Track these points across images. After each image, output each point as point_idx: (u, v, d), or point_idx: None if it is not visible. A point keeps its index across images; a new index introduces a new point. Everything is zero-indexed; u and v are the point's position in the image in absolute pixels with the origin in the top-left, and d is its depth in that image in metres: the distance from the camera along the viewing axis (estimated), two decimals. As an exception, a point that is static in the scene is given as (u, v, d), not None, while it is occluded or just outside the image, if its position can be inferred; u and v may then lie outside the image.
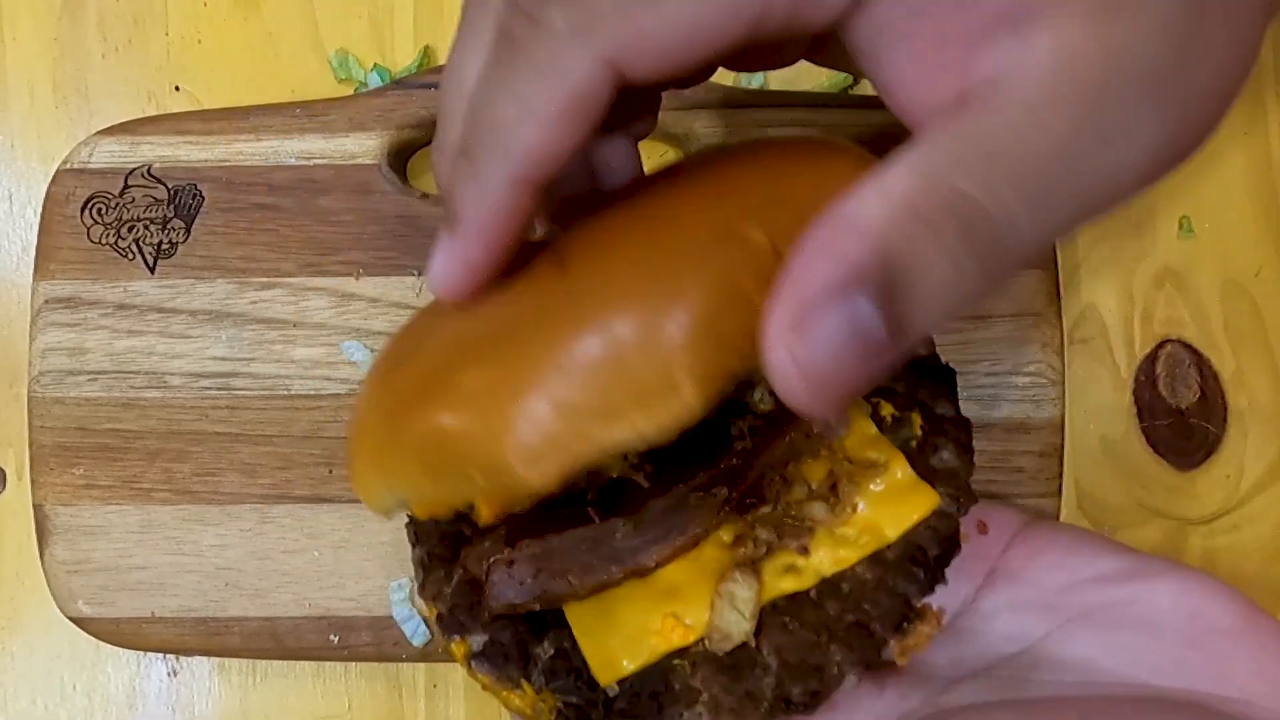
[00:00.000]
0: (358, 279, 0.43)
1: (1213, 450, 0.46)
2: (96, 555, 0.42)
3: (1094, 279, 0.46)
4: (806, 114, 0.43)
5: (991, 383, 0.43)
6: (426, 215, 0.43)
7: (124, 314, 0.43)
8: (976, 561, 0.35)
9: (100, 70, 0.47)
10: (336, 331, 0.43)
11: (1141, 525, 0.46)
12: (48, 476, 0.42)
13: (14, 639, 0.45)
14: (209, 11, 0.47)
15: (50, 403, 0.43)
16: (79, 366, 0.43)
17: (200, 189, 0.43)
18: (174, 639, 0.43)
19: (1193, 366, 0.46)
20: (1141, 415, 0.46)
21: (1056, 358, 0.43)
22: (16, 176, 0.47)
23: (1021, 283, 0.43)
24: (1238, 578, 0.46)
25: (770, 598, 0.30)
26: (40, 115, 0.47)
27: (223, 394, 0.43)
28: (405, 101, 0.44)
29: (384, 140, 0.43)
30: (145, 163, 0.43)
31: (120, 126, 0.44)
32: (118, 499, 0.43)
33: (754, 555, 0.31)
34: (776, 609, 0.30)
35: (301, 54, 0.47)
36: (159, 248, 0.43)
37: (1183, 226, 0.46)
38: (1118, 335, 0.46)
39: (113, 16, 0.47)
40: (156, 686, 0.45)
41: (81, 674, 0.45)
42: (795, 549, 0.31)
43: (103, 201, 0.43)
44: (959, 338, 0.43)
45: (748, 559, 0.30)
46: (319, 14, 0.47)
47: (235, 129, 0.44)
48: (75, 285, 0.43)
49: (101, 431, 0.43)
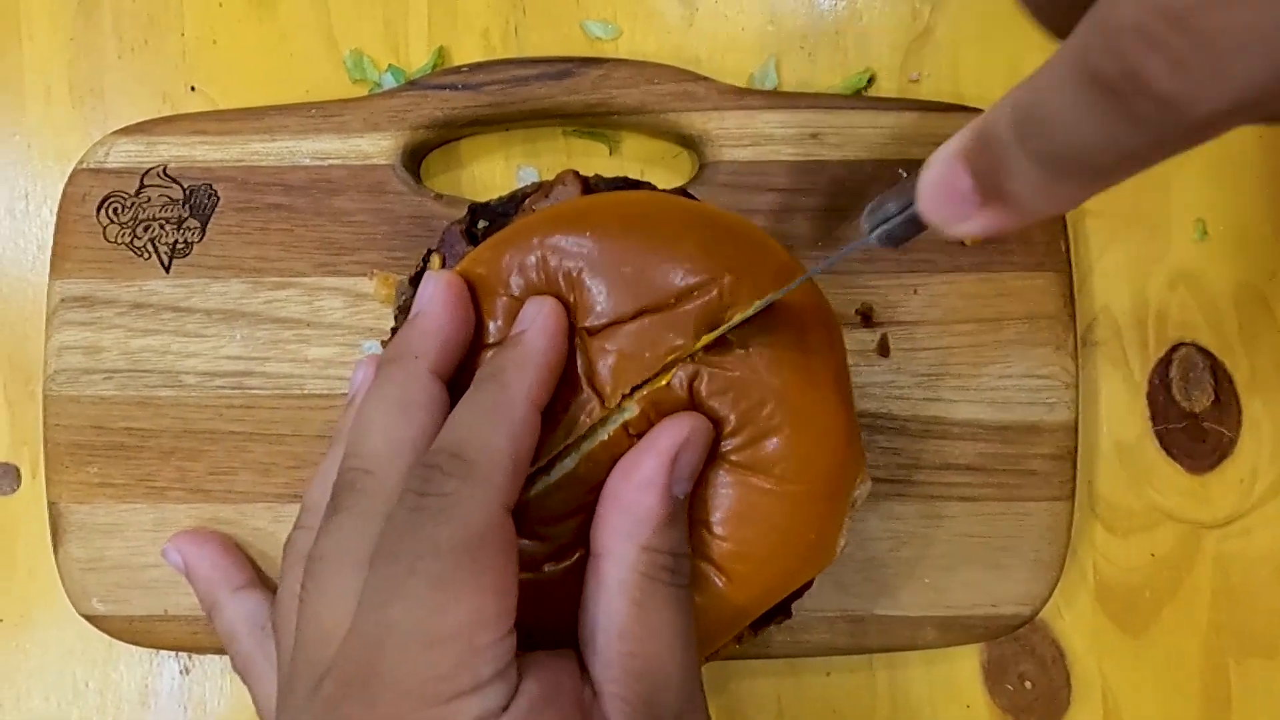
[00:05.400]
0: (371, 279, 0.43)
1: (1226, 454, 0.46)
2: (110, 553, 0.43)
3: (1108, 282, 0.46)
4: (818, 115, 0.44)
5: (1004, 385, 0.43)
6: (440, 215, 0.43)
7: (139, 313, 0.43)
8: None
9: (116, 70, 0.47)
10: (350, 331, 0.43)
11: (1155, 528, 0.46)
12: (62, 474, 0.43)
13: (27, 636, 0.46)
14: (224, 12, 0.47)
15: (65, 401, 0.43)
16: (94, 365, 0.43)
17: (215, 189, 0.44)
18: (187, 637, 0.43)
19: (1207, 370, 0.46)
20: (1155, 418, 0.46)
21: (1070, 360, 0.43)
22: (33, 176, 0.47)
23: (1035, 285, 0.43)
24: (1251, 582, 0.45)
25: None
26: (56, 115, 0.47)
27: (237, 393, 0.43)
28: (420, 102, 0.44)
29: (398, 141, 0.44)
30: (161, 162, 0.44)
31: (136, 126, 0.44)
32: (132, 497, 0.43)
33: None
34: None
35: (316, 55, 0.47)
36: (174, 247, 0.43)
37: (1198, 229, 0.46)
38: (1132, 338, 0.46)
39: (128, 17, 0.47)
40: (169, 684, 0.45)
41: (94, 671, 0.46)
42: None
43: (119, 201, 0.43)
44: (971, 339, 0.43)
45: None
46: (334, 15, 0.47)
47: (250, 129, 0.44)
48: (91, 284, 0.43)
49: (116, 430, 0.43)
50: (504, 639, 0.27)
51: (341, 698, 0.27)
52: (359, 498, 0.29)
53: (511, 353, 0.30)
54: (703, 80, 0.44)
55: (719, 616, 0.31)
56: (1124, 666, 0.45)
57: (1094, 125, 0.18)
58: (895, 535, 0.43)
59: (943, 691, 0.45)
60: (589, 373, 0.31)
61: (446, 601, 0.26)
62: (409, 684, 0.26)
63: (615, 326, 0.31)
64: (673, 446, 0.29)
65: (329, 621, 0.28)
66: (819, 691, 0.45)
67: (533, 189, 0.38)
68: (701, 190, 0.43)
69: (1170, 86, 0.17)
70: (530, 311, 0.31)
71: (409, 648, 0.26)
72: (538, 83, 0.44)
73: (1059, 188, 0.21)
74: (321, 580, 0.29)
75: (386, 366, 0.32)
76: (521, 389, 0.29)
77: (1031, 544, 0.43)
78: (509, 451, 0.28)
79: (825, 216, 0.43)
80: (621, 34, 0.47)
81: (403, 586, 0.26)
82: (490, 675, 0.26)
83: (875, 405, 0.43)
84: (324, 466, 0.35)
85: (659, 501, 0.29)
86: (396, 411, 0.30)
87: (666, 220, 0.32)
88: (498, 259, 0.33)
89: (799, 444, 0.30)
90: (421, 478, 0.28)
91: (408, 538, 0.27)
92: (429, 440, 0.29)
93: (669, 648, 0.29)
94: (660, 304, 0.31)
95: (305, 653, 0.28)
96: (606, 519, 0.29)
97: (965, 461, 0.43)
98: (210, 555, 0.41)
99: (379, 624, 0.26)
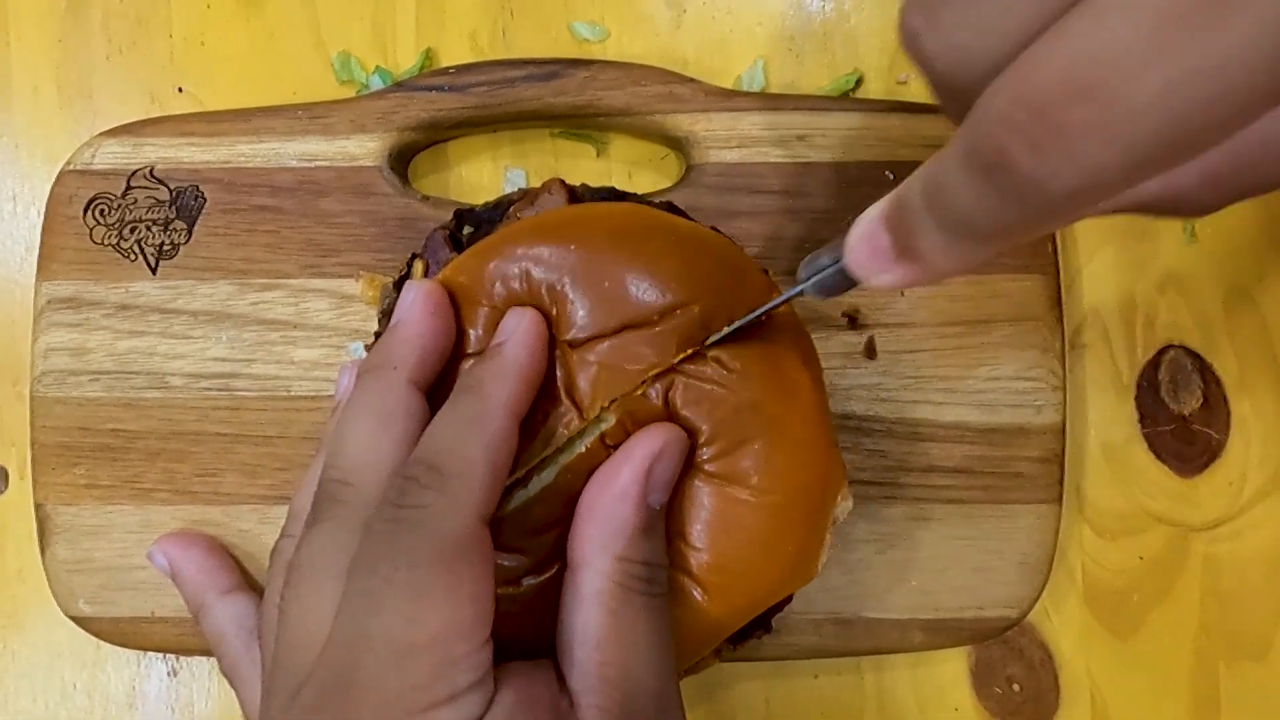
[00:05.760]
0: (358, 281, 0.43)
1: (1215, 456, 0.46)
2: (97, 555, 0.43)
3: (1096, 283, 0.46)
4: (807, 117, 0.43)
5: (992, 388, 0.43)
6: (427, 217, 0.43)
7: (126, 314, 0.43)
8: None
9: (104, 71, 0.47)
10: (337, 333, 0.43)
11: (1143, 531, 0.46)
12: (49, 476, 0.43)
13: (15, 637, 0.46)
14: (212, 14, 0.47)
15: (52, 402, 0.43)
16: (81, 366, 0.43)
17: (202, 190, 0.44)
18: (174, 639, 0.43)
19: (1195, 372, 0.46)
20: (1144, 421, 0.46)
21: (1058, 363, 0.43)
22: (20, 177, 0.47)
23: (1022, 287, 0.43)
24: (1240, 584, 0.45)
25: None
26: (44, 116, 0.47)
27: (223, 395, 0.43)
28: (407, 104, 0.44)
29: (385, 142, 0.44)
30: (148, 164, 0.44)
31: (123, 128, 0.44)
32: (118, 499, 0.43)
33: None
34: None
35: (304, 56, 0.47)
36: (161, 249, 0.43)
37: (1186, 231, 0.46)
38: (1120, 340, 0.46)
39: (117, 18, 0.47)
40: (156, 686, 0.45)
41: (82, 673, 0.46)
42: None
43: (105, 202, 0.43)
44: (958, 341, 0.43)
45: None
46: (321, 16, 0.47)
47: (237, 131, 0.44)
48: (78, 285, 0.43)
49: (103, 431, 0.43)
50: (480, 649, 0.27)
51: (319, 707, 0.27)
52: (338, 508, 0.29)
53: (490, 364, 0.31)
54: (690, 82, 0.44)
55: (697, 629, 0.31)
56: (1112, 669, 0.45)
57: (975, 198, 0.21)
58: (882, 538, 0.43)
59: (930, 694, 0.45)
60: (568, 385, 0.31)
61: (423, 612, 0.26)
62: (386, 694, 0.26)
63: (596, 340, 0.31)
64: (648, 456, 0.29)
65: (308, 631, 0.28)
66: (806, 694, 0.45)
67: (519, 196, 0.38)
68: (688, 192, 0.43)
69: (1030, 166, 0.19)
70: (510, 323, 0.31)
71: (386, 658, 0.26)
72: (525, 84, 0.44)
73: (958, 249, 0.23)
74: (300, 590, 0.29)
75: (365, 376, 0.32)
76: (499, 401, 0.30)
77: (1019, 546, 0.42)
78: (486, 463, 0.28)
79: (812, 219, 0.43)
80: (609, 35, 0.47)
81: (380, 597, 0.26)
82: (466, 685, 0.26)
83: (862, 408, 0.43)
84: (309, 474, 0.35)
85: (634, 511, 0.29)
86: (374, 422, 0.30)
87: (650, 236, 0.32)
88: (480, 268, 0.33)
89: (775, 454, 0.30)
90: (399, 489, 0.28)
91: (385, 549, 0.27)
92: (407, 451, 0.30)
93: (645, 657, 0.29)
94: (642, 320, 0.31)
95: (284, 661, 0.28)
96: (582, 530, 0.30)
97: (952, 464, 0.43)
98: (196, 558, 0.41)
99: (356, 634, 0.27)
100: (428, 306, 0.32)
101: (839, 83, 0.46)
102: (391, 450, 0.30)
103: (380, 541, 0.27)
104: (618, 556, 0.29)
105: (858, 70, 0.46)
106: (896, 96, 0.46)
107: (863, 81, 0.46)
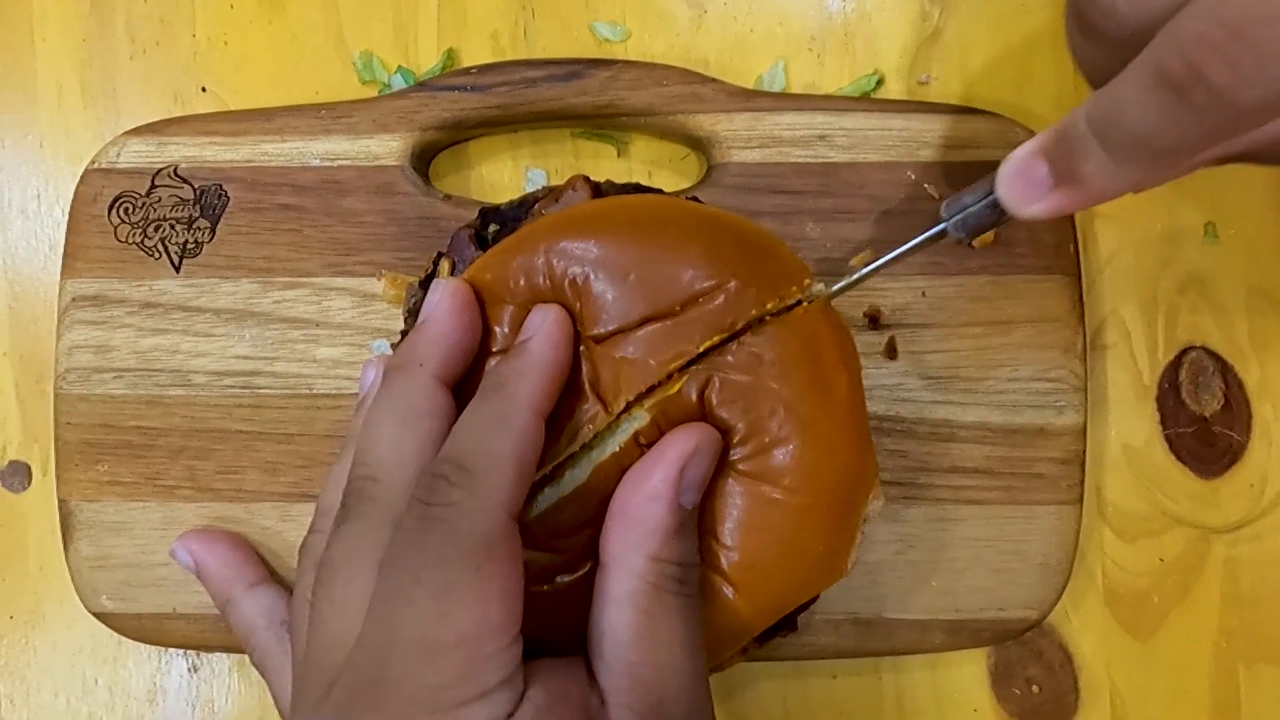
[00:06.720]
0: (380, 279, 0.43)
1: (1236, 458, 0.45)
2: (119, 551, 0.43)
3: (1117, 285, 0.46)
4: (827, 117, 0.43)
5: (1013, 388, 0.43)
6: (449, 216, 0.43)
7: (149, 312, 0.43)
8: None
9: (128, 71, 0.47)
10: (359, 331, 0.43)
11: (1164, 533, 0.45)
12: (73, 472, 0.43)
13: (37, 633, 0.46)
14: (235, 14, 0.47)
15: (76, 399, 0.43)
16: (105, 364, 0.43)
17: (226, 189, 0.44)
18: (195, 635, 0.43)
19: (1216, 374, 0.46)
20: (1164, 422, 0.46)
21: (1078, 364, 0.43)
22: (45, 176, 0.47)
23: (1044, 288, 0.43)
24: (1260, 587, 0.45)
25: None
26: (69, 115, 0.47)
27: (246, 392, 0.43)
28: (429, 103, 0.44)
29: (407, 142, 0.44)
30: (172, 163, 0.44)
31: (148, 127, 0.44)
32: (141, 495, 0.43)
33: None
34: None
35: (326, 56, 0.47)
36: (184, 247, 0.44)
37: (1207, 232, 0.46)
38: (1141, 341, 0.46)
39: (140, 18, 0.47)
40: (177, 682, 0.46)
41: (103, 669, 0.46)
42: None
43: (130, 201, 0.44)
44: (979, 342, 0.43)
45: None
46: (344, 16, 0.47)
47: (260, 130, 0.44)
48: (102, 284, 0.43)
49: (126, 428, 0.43)
50: (510, 646, 0.27)
51: (350, 704, 0.27)
52: (367, 505, 0.30)
53: (516, 362, 0.31)
54: (711, 82, 0.44)
55: (726, 627, 0.31)
56: (1132, 671, 0.45)
57: (1158, 113, 0.24)
58: (902, 538, 0.43)
59: (949, 695, 0.45)
60: (594, 380, 0.32)
61: (452, 610, 0.26)
62: (416, 691, 0.26)
63: (621, 334, 0.31)
64: (680, 457, 0.29)
65: (339, 628, 0.28)
66: (825, 695, 0.45)
67: (543, 193, 0.38)
68: (709, 192, 0.43)
69: (1223, 79, 0.22)
70: (535, 320, 0.31)
71: (415, 655, 0.26)
72: (546, 84, 0.44)
73: (1124, 170, 0.26)
74: (331, 587, 0.29)
75: (392, 374, 0.32)
76: (525, 398, 0.30)
77: (1039, 548, 0.42)
78: (513, 461, 0.28)
79: (833, 219, 0.43)
80: (630, 35, 0.47)
81: (410, 595, 0.26)
82: (496, 682, 0.26)
83: (883, 408, 0.43)
84: (335, 470, 0.35)
85: (667, 512, 0.29)
86: (402, 420, 0.31)
87: (672, 223, 0.32)
88: (505, 265, 0.33)
89: (808, 455, 0.30)
90: (427, 487, 0.28)
91: (414, 546, 0.27)
92: (435, 448, 0.30)
93: (677, 657, 0.29)
94: (666, 311, 0.31)
95: (315, 658, 0.29)
96: (615, 529, 0.30)
97: (973, 465, 0.43)
98: (221, 553, 0.41)
99: (387, 632, 0.27)
100: (454, 305, 0.32)
101: (860, 83, 0.46)
102: (419, 448, 0.30)
103: (410, 539, 0.27)
104: (650, 556, 0.29)
105: (878, 71, 0.46)
106: (917, 97, 0.46)
107: (883, 82, 0.47)
